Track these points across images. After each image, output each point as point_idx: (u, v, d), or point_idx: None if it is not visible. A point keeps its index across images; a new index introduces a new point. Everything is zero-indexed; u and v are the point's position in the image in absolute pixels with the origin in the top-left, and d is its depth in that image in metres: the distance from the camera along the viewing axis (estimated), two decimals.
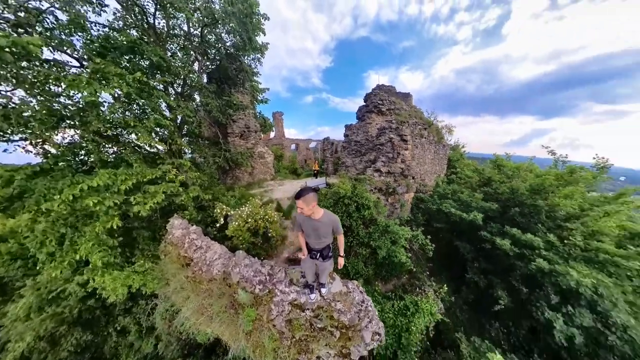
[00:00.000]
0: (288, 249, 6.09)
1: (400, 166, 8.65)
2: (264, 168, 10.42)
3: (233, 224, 4.58)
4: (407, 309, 4.14)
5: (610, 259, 4.00)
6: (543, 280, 4.28)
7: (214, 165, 6.89)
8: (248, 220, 4.56)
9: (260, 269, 3.34)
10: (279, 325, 2.95)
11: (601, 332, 3.68)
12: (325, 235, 2.34)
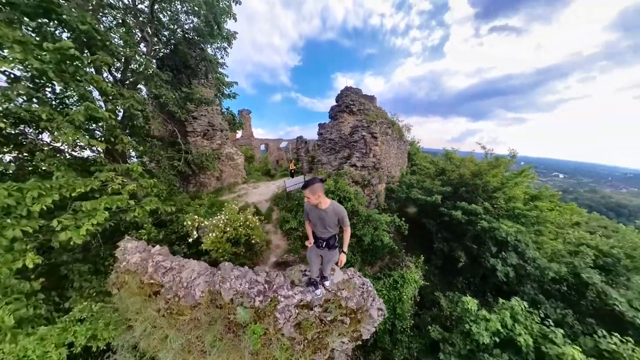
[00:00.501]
0: (274, 253, 5.71)
1: (372, 160, 9.39)
2: (234, 171, 9.36)
3: (209, 236, 4.00)
4: (397, 282, 4.67)
5: (521, 213, 5.69)
6: (485, 237, 5.72)
7: (172, 171, 5.70)
8: (226, 229, 4.10)
9: (256, 278, 2.97)
10: (287, 332, 2.76)
11: (522, 266, 5.17)
12: (331, 226, 2.37)
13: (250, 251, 4.68)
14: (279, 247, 5.83)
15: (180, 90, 5.01)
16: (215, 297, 2.90)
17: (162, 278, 3.00)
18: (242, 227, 4.26)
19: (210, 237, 3.97)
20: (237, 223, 4.25)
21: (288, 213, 6.78)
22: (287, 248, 5.66)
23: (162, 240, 4.41)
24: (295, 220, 6.33)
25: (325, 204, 2.27)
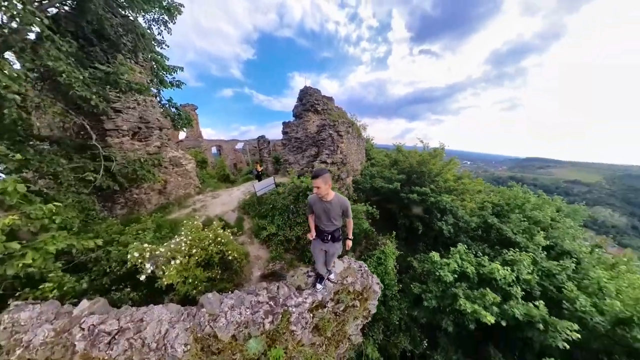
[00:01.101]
0: (257, 266, 5.13)
1: (340, 157, 9.94)
2: (183, 180, 7.47)
3: (171, 266, 3.06)
4: (380, 258, 5.28)
5: (453, 187, 7.85)
6: (433, 208, 7.51)
7: (86, 188, 3.86)
8: (192, 251, 3.30)
9: (257, 299, 2.57)
10: (307, 340, 2.66)
11: (457, 223, 7.24)
12: (336, 218, 2.38)
13: (229, 271, 4.00)
14: (260, 258, 5.32)
15: (93, 67, 3.40)
16: (208, 342, 2.28)
17: (109, 351, 1.95)
18: (212, 245, 3.57)
19: (172, 266, 3.04)
20: (206, 241, 3.52)
21: (262, 219, 6.26)
22: (269, 257, 5.23)
23: (88, 291, 2.99)
24: (273, 225, 5.81)
25: (330, 196, 2.28)
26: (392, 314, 4.57)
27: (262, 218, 6.38)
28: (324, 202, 2.29)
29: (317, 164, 9.42)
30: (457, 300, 3.85)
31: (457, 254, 4.75)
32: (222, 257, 3.75)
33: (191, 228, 3.64)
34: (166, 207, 6.52)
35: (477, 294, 3.88)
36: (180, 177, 7.32)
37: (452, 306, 3.99)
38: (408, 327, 4.58)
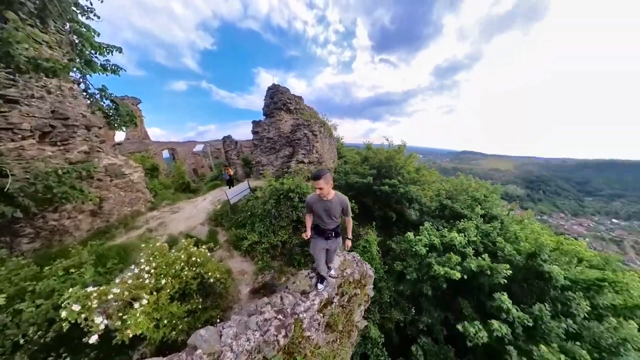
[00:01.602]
0: (244, 281, 4.73)
1: (316, 156, 10.05)
2: (128, 194, 5.92)
3: (134, 311, 2.23)
4: (365, 247, 5.74)
5: (416, 178, 9.21)
6: (402, 198, 8.70)
7: None
8: (162, 283, 2.58)
9: (264, 317, 2.33)
10: (322, 340, 2.73)
11: (421, 208, 8.68)
12: (337, 216, 2.46)
13: (212, 296, 3.38)
14: (245, 272, 4.89)
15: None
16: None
17: None
18: (186, 269, 2.94)
19: (135, 311, 2.22)
20: (177, 265, 2.86)
21: (241, 229, 5.79)
22: (256, 269, 4.89)
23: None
24: (254, 233, 5.41)
25: (331, 195, 2.33)
26: (382, 294, 5.06)
27: (240, 227, 5.86)
28: (325, 201, 2.31)
29: (294, 164, 9.20)
30: (432, 267, 4.66)
31: (425, 231, 5.79)
32: (201, 282, 3.13)
33: (153, 252, 2.90)
34: (106, 231, 5.08)
35: (445, 259, 4.80)
36: (124, 191, 5.74)
37: (428, 273, 4.80)
38: (397, 301, 5.18)
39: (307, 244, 4.98)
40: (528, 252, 4.52)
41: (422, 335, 4.56)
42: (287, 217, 5.48)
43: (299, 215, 5.43)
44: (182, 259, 2.98)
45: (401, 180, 8.88)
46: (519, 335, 3.54)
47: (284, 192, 5.65)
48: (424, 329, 4.68)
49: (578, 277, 3.96)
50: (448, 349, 4.29)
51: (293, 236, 5.33)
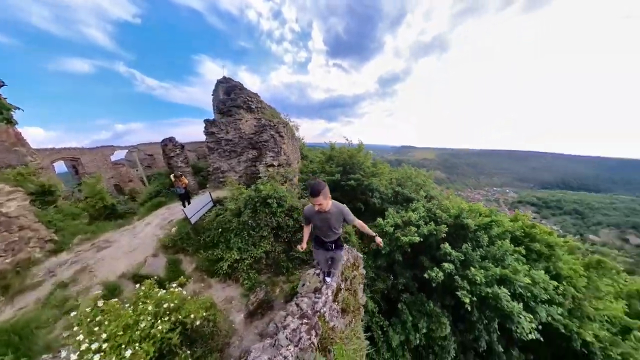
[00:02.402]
0: (234, 308, 4.08)
1: (284, 158, 10.27)
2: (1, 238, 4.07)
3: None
4: (346, 237, 6.52)
5: (375, 172, 11.01)
6: (366, 190, 10.29)
7: None
8: (127, 355, 1.92)
9: (290, 328, 2.38)
10: (343, 325, 3.05)
11: (381, 197, 10.41)
12: (337, 227, 2.39)
13: (201, 341, 2.78)
14: (232, 298, 4.38)
15: None
16: None
17: None
18: (160, 322, 2.29)
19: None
20: (144, 322, 2.19)
21: (212, 249, 5.15)
22: (244, 290, 4.46)
23: None
24: (231, 251, 4.88)
25: (328, 206, 2.26)
26: (367, 272, 6.07)
27: (210, 248, 5.21)
28: (323, 213, 2.26)
29: (262, 167, 9.05)
30: (399, 239, 6.09)
31: (390, 215, 7.34)
32: (183, 330, 2.53)
33: (95, 316, 2.13)
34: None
35: (407, 231, 6.36)
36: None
37: (397, 244, 6.25)
38: (378, 274, 6.34)
39: (292, 249, 5.12)
40: (454, 214, 6.68)
41: (402, 293, 5.89)
42: (267, 226, 5.27)
43: (279, 221, 5.34)
44: (149, 311, 2.29)
45: (363, 175, 10.49)
46: (458, 268, 5.31)
47: (260, 199, 5.40)
48: (402, 288, 6.04)
49: (480, 223, 6.28)
50: (421, 295, 5.80)
51: (276, 244, 5.19)
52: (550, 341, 4.94)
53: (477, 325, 4.93)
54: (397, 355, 5.11)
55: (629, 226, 60.70)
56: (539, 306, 4.57)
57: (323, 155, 13.36)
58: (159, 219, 7.13)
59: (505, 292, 4.39)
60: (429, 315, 5.25)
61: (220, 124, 9.94)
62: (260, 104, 11.00)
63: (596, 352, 4.58)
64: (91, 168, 13.84)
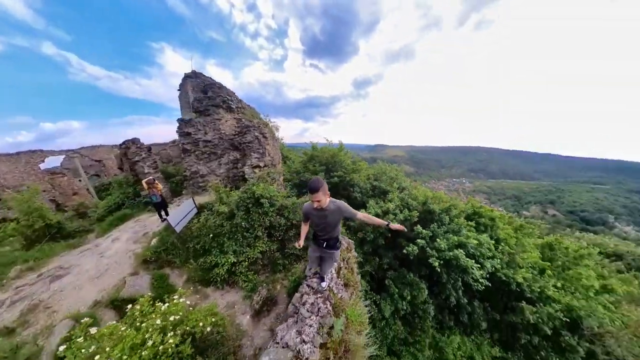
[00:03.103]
0: (237, 311, 4.13)
1: (269, 159, 10.51)
2: None
3: None
4: None
5: (355, 168, 12.34)
6: (348, 185, 11.53)
7: None
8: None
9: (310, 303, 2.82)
10: (348, 296, 3.75)
11: (361, 191, 11.66)
12: (334, 224, 2.39)
13: (211, 349, 2.82)
14: (235, 303, 4.35)
15: None
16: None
17: None
18: (169, 337, 2.25)
19: None
20: (153, 339, 2.16)
21: (205, 256, 5.06)
22: (245, 292, 4.48)
23: None
24: (226, 255, 4.83)
25: (326, 203, 2.28)
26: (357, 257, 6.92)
27: (202, 256, 5.09)
28: (320, 210, 2.29)
29: (248, 169, 9.12)
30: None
31: (371, 206, 8.47)
32: (194, 341, 2.51)
33: (86, 345, 2.07)
34: None
35: (386, 219, 7.50)
36: None
37: (379, 231, 7.42)
38: (365, 259, 7.30)
39: (285, 247, 5.41)
40: (422, 202, 8.15)
41: (387, 271, 6.95)
42: (261, 225, 5.37)
43: (271, 220, 5.51)
44: (157, 326, 2.23)
45: (345, 172, 11.57)
46: (428, 242, 6.65)
47: (253, 200, 5.52)
48: (387, 267, 7.11)
49: (442, 207, 7.83)
50: (403, 270, 7.02)
51: (270, 243, 5.34)
52: (497, 288, 6.69)
53: (447, 285, 6.30)
54: (390, 323, 6.08)
55: (548, 202, 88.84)
56: (485, 261, 6.17)
57: (305, 156, 13.99)
58: (129, 233, 6.55)
59: (462, 252, 5.86)
60: (410, 285, 6.41)
61: (197, 124, 9.60)
62: (240, 104, 10.99)
63: (525, 289, 6.38)
64: (12, 180, 11.39)
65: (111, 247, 5.68)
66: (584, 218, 75.97)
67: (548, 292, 6.32)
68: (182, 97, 19.33)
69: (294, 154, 16.86)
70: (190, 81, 17.31)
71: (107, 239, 6.29)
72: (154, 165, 11.28)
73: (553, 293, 6.31)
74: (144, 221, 7.50)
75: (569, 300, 6.16)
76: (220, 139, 9.92)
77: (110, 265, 4.87)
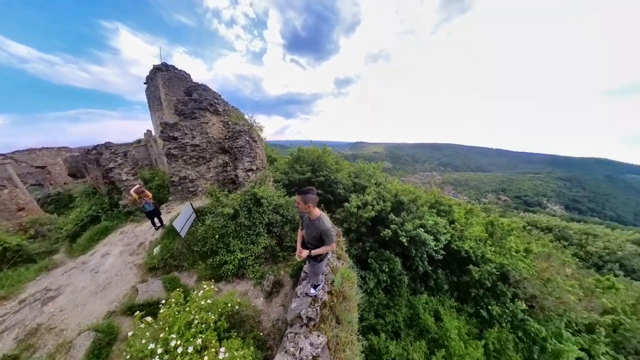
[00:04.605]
0: (254, 296, 4.74)
1: (259, 161, 11.18)
2: None
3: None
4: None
5: (338, 168, 14.00)
6: (332, 183, 12.92)
7: None
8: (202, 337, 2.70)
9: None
10: (340, 265, 5.06)
11: (345, 188, 12.96)
12: (315, 238, 2.48)
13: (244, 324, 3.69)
14: (246, 291, 4.85)
15: None
16: None
17: None
18: (212, 314, 3.02)
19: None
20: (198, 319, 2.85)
21: (213, 256, 5.35)
22: (255, 281, 5.06)
23: None
24: (233, 253, 5.24)
25: (314, 215, 2.39)
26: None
27: (210, 257, 5.40)
28: (309, 219, 2.46)
29: (242, 172, 9.65)
30: (362, 216, 8.78)
31: (353, 200, 9.90)
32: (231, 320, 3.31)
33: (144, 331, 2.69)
34: None
35: (366, 210, 9.09)
36: None
37: (361, 220, 8.91)
38: (351, 245, 8.69)
39: (283, 241, 6.33)
40: (394, 194, 9.87)
41: (369, 252, 8.43)
42: (261, 223, 5.92)
43: (269, 217, 6.13)
44: (200, 307, 2.94)
45: (329, 171, 12.88)
46: (399, 226, 8.38)
47: (254, 201, 6.10)
48: (369, 249, 8.56)
49: (411, 198, 9.68)
50: (381, 250, 8.64)
51: (270, 239, 5.87)
52: (453, 258, 8.78)
53: (415, 258, 8.07)
54: (374, 293, 7.56)
55: (500, 190, 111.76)
56: (441, 236, 8.11)
57: (292, 157, 14.91)
58: (120, 246, 6.44)
59: (422, 230, 7.84)
60: (387, 260, 8.02)
61: (184, 128, 9.75)
62: (226, 106, 11.37)
63: (471, 255, 8.53)
64: None
65: (104, 262, 5.68)
66: (526, 201, 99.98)
67: (487, 256, 8.54)
68: (150, 92, 17.97)
69: (277, 154, 17.56)
70: (161, 74, 16.53)
71: (93, 256, 6.12)
72: (133, 172, 10.93)
73: (490, 256, 8.54)
74: (132, 232, 7.27)
75: (500, 260, 8.42)
76: (208, 142, 10.21)
77: (112, 279, 5.02)
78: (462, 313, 7.69)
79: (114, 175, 10.26)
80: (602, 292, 8.74)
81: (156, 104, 17.10)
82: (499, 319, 7.20)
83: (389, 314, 7.19)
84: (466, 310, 7.83)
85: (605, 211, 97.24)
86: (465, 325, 6.95)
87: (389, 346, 5.90)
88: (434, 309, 7.41)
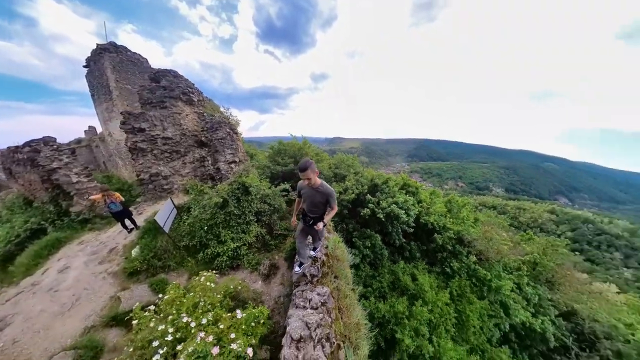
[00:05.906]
0: (252, 281, 4.75)
1: (241, 154, 11.01)
2: None
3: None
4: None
5: (321, 159, 14.36)
6: None
7: None
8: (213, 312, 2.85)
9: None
10: (330, 236, 5.73)
11: (325, 178, 13.66)
12: (319, 205, 2.63)
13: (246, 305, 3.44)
14: (244, 279, 4.78)
15: None
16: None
17: None
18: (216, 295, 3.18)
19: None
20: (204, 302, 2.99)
21: (202, 250, 5.18)
22: (251, 268, 5.11)
23: None
24: (224, 244, 5.12)
25: (317, 183, 2.52)
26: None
27: (200, 251, 5.21)
28: (311, 188, 2.56)
29: (224, 165, 9.40)
30: (343, 199, 9.77)
31: (335, 187, 10.73)
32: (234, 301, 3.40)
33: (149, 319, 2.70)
34: None
35: (347, 194, 10.12)
36: None
37: (343, 203, 9.89)
38: (336, 227, 9.50)
39: (273, 229, 6.65)
40: (370, 179, 11.09)
41: (353, 232, 9.42)
42: (250, 212, 5.87)
43: (258, 206, 6.11)
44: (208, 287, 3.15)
45: None
46: (375, 205, 9.61)
47: (243, 189, 6.05)
48: (352, 229, 9.53)
49: (383, 180, 11.06)
50: (363, 229, 9.75)
51: (260, 228, 5.85)
52: (422, 230, 10.55)
53: (392, 233, 9.36)
54: (361, 267, 8.59)
55: (458, 177, 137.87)
56: (410, 211, 9.68)
57: (272, 150, 14.96)
58: (83, 257, 5.64)
59: (395, 206, 9.24)
60: (369, 237, 9.15)
61: (152, 119, 8.86)
62: (201, 96, 10.74)
63: (436, 227, 10.43)
64: None
65: (65, 279, 4.91)
66: (477, 187, 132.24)
67: (448, 225, 10.46)
68: (93, 77, 14.77)
69: (254, 149, 17.26)
70: (109, 56, 14.12)
71: (46, 273, 5.19)
72: (86, 172, 9.44)
73: (450, 225, 10.47)
74: (95, 240, 6.55)
75: (457, 228, 10.43)
76: (182, 135, 9.56)
77: (80, 294, 4.41)
78: (432, 273, 9.56)
79: (59, 178, 8.29)
80: (525, 243, 11.94)
81: (103, 93, 14.43)
82: (458, 271, 9.41)
83: (375, 282, 8.34)
84: (435, 271, 9.72)
85: (531, 191, 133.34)
86: (435, 280, 8.94)
87: (378, 305, 7.13)
88: (411, 273, 8.89)
